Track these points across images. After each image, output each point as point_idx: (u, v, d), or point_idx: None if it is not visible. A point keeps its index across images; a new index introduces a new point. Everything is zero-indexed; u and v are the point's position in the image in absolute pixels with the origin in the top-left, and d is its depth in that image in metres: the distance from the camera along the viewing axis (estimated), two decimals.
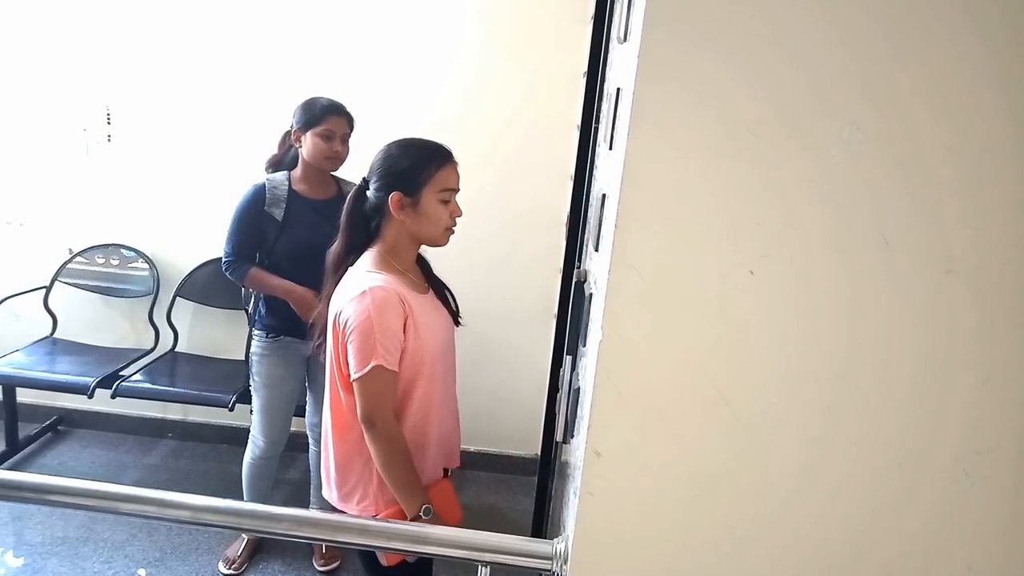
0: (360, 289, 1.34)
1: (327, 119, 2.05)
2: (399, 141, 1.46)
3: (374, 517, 1.41)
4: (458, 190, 1.46)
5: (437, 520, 1.37)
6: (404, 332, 1.36)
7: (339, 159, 2.12)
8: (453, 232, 1.47)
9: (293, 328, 2.19)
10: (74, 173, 2.97)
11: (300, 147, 2.10)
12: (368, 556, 1.51)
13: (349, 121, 2.12)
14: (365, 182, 1.47)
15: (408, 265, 1.47)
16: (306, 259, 2.08)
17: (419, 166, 1.41)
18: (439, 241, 1.47)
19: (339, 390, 1.43)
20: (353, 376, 1.34)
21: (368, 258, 1.44)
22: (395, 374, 1.35)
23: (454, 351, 1.55)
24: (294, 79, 2.74)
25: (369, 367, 1.31)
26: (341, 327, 1.36)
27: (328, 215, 2.16)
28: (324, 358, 1.51)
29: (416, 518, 1.36)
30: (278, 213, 2.11)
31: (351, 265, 1.46)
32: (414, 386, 1.42)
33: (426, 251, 1.55)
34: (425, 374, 1.43)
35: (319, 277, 2.04)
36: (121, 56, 2.84)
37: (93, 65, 2.86)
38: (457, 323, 1.58)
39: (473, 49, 2.77)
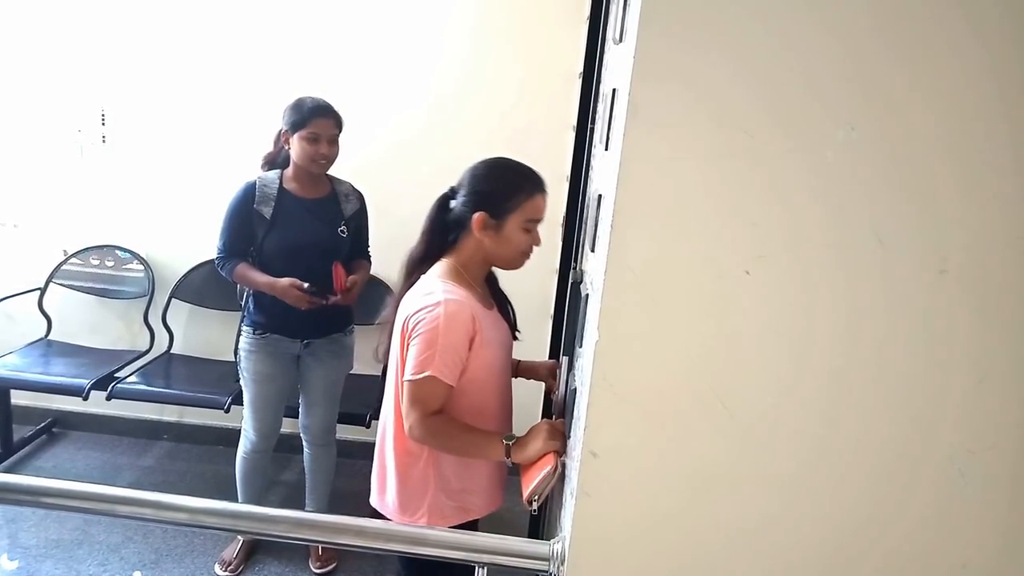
0: (436, 298, 1.33)
1: (312, 121, 2.03)
2: (497, 161, 1.44)
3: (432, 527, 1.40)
4: (542, 220, 1.44)
5: (523, 438, 1.30)
6: (470, 349, 1.35)
7: (326, 160, 2.11)
8: (529, 258, 1.46)
9: (281, 326, 2.19)
10: (69, 174, 2.96)
11: (288, 148, 2.10)
12: (409, 561, 1.50)
13: (337, 122, 2.10)
14: (452, 192, 1.46)
15: (478, 280, 1.46)
16: (295, 256, 2.08)
17: (510, 192, 1.39)
18: (512, 265, 1.46)
19: (401, 398, 1.40)
20: (406, 376, 1.34)
21: (441, 268, 1.43)
22: (448, 387, 1.34)
23: (510, 366, 1.55)
24: (288, 79, 2.74)
25: (423, 375, 1.31)
26: (409, 329, 1.35)
27: (319, 214, 2.16)
28: (386, 358, 1.49)
29: (508, 453, 1.30)
30: (267, 211, 2.11)
31: (426, 271, 1.45)
32: (472, 401, 1.41)
33: None
34: (485, 389, 1.43)
35: (309, 274, 2.02)
36: (116, 57, 2.83)
37: (88, 66, 2.85)
38: (515, 337, 1.57)
39: (468, 49, 2.77)
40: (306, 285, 2.04)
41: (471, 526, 1.51)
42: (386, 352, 1.50)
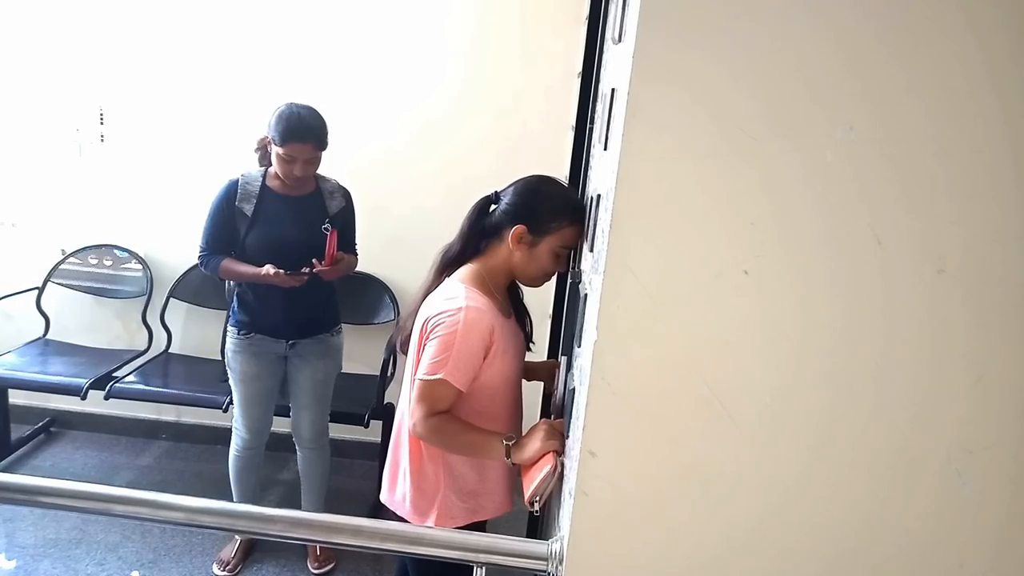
0: (458, 304, 1.33)
1: (287, 144, 2.01)
2: (549, 179, 1.45)
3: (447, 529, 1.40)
4: (572, 248, 1.45)
5: (523, 439, 1.31)
6: (484, 358, 1.36)
7: (299, 180, 2.10)
8: (549, 280, 1.48)
9: (265, 326, 2.20)
10: (67, 173, 2.96)
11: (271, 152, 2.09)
12: (417, 563, 1.51)
13: (317, 144, 2.05)
14: (497, 197, 1.46)
15: (499, 289, 1.46)
16: (277, 254, 2.07)
17: (555, 215, 1.39)
18: (532, 284, 1.48)
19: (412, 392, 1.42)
20: (418, 375, 1.35)
21: (465, 273, 1.43)
22: (458, 391, 1.34)
23: (522, 375, 1.56)
24: (286, 79, 2.74)
25: (435, 377, 1.32)
26: (428, 330, 1.36)
27: (301, 211, 2.16)
28: (407, 349, 1.49)
29: (508, 454, 1.31)
30: (248, 208, 2.11)
31: (459, 267, 1.45)
32: (484, 408, 1.41)
33: None
34: (497, 398, 1.44)
35: (290, 270, 2.01)
36: (114, 56, 2.83)
37: (86, 65, 2.85)
38: (529, 348, 1.58)
39: (467, 49, 2.77)
40: (284, 272, 2.03)
41: (479, 527, 1.51)
42: (404, 342, 1.51)
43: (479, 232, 1.46)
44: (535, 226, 1.38)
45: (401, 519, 1.48)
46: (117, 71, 2.85)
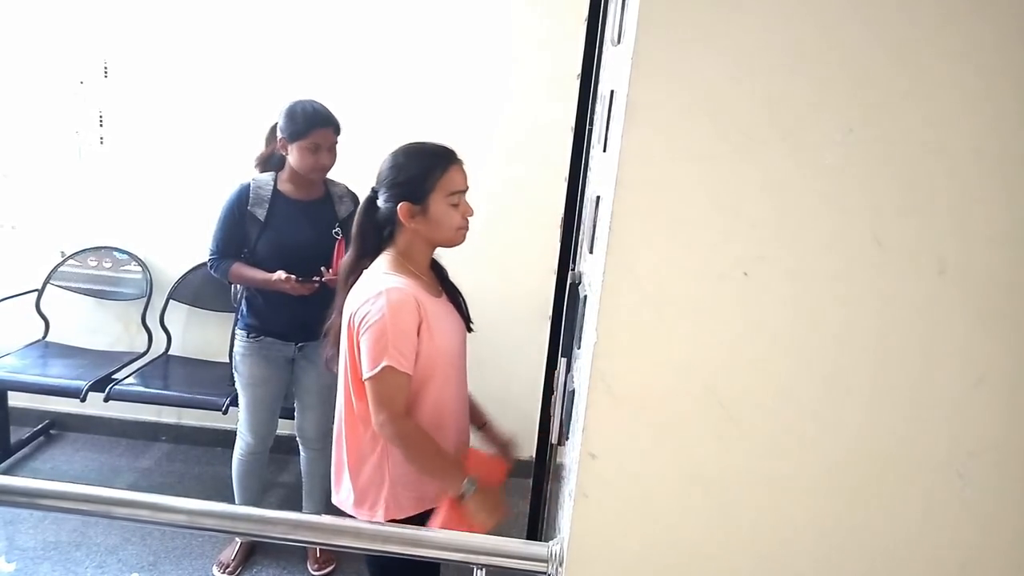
0: (376, 290, 1.34)
1: (312, 132, 2.02)
2: (403, 148, 1.46)
3: (389, 523, 1.40)
4: (466, 189, 1.45)
5: (482, 492, 1.34)
6: (419, 335, 1.36)
7: (326, 169, 2.11)
8: (467, 230, 1.47)
9: (274, 329, 2.20)
10: (66, 175, 2.96)
11: (286, 155, 2.09)
12: (373, 559, 1.51)
13: (336, 129, 2.08)
14: (374, 192, 1.48)
15: (423, 268, 1.47)
16: (288, 258, 2.08)
17: (424, 173, 1.40)
18: (453, 242, 1.47)
19: (351, 395, 1.43)
20: (365, 376, 1.35)
21: (384, 260, 1.44)
22: (407, 376, 1.34)
23: (465, 356, 1.55)
24: (286, 81, 2.74)
25: (380, 367, 1.32)
26: (356, 327, 1.36)
27: (312, 216, 2.16)
28: (336, 368, 1.50)
29: (462, 496, 1.34)
30: (261, 213, 2.11)
31: (364, 269, 1.46)
32: (427, 389, 1.42)
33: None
34: (439, 377, 1.43)
35: (301, 276, 2.04)
36: (114, 58, 2.83)
37: (86, 67, 2.85)
38: (469, 329, 1.58)
39: (466, 50, 2.77)
40: (296, 278, 2.04)
41: (429, 515, 1.52)
42: (334, 360, 1.51)
43: (376, 228, 1.47)
44: (413, 194, 1.40)
45: (351, 517, 1.48)
46: (116, 74, 2.85)
